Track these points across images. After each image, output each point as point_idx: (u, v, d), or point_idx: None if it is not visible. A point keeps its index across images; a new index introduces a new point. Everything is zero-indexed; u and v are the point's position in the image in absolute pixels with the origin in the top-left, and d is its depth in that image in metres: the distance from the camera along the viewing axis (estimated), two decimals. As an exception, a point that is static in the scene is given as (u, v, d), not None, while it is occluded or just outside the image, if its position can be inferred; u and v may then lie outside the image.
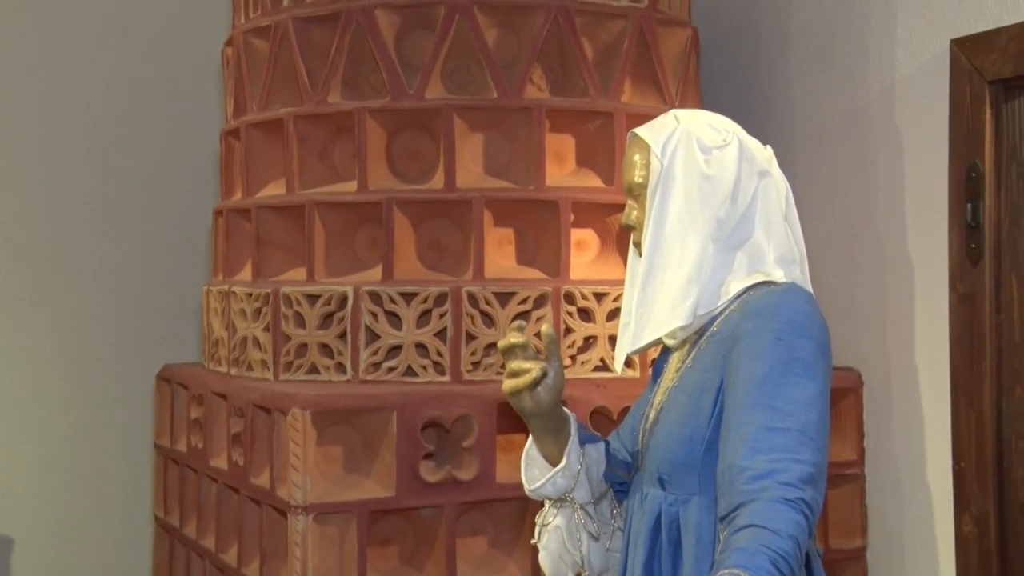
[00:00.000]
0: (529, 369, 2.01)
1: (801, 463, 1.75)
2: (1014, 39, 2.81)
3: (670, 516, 2.04)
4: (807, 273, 2.14)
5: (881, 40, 3.27)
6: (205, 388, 3.36)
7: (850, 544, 3.32)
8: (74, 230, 4.32)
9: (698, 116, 2.15)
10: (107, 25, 4.32)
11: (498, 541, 2.98)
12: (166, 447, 3.72)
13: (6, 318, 4.26)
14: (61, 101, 4.29)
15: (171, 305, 4.42)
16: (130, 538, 4.35)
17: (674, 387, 2.09)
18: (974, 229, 2.94)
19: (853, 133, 3.37)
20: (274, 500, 2.89)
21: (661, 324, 2.05)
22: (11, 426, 4.26)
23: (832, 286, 3.29)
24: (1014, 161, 2.93)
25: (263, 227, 3.25)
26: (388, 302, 3.02)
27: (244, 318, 3.26)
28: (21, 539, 4.27)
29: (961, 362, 2.98)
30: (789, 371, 1.85)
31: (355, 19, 3.10)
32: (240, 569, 3.09)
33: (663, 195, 2.07)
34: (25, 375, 4.29)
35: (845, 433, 3.29)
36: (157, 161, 4.41)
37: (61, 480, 4.33)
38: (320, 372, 3.07)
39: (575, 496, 2.17)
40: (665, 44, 3.30)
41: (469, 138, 3.10)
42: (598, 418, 2.97)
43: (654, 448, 2.08)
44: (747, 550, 1.61)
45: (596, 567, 2.22)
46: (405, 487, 2.84)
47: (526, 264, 3.13)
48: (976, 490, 2.94)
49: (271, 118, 3.26)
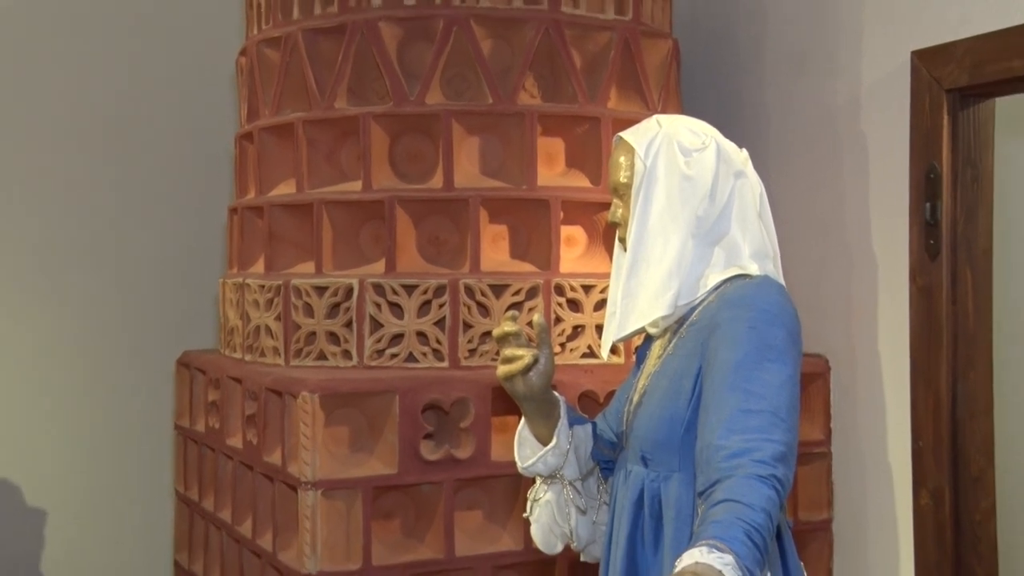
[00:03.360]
0: (522, 356, 2.02)
1: (773, 442, 1.76)
2: (969, 51, 2.82)
3: (652, 492, 2.04)
4: (779, 267, 2.14)
5: (848, 52, 3.28)
6: (221, 373, 3.36)
7: (817, 516, 3.32)
8: (100, 227, 4.31)
9: (679, 121, 2.15)
10: (130, 36, 4.32)
11: (493, 515, 2.98)
12: (186, 427, 3.72)
13: (39, 309, 4.26)
14: (88, 107, 4.28)
15: (190, 296, 4.42)
16: (153, 510, 4.36)
17: (656, 372, 2.09)
18: (932, 226, 2.94)
19: (822, 137, 3.38)
20: (285, 477, 2.89)
21: (644, 314, 2.06)
22: (43, 408, 4.26)
23: (802, 279, 3.28)
24: (968, 164, 2.94)
25: (275, 224, 3.25)
26: (391, 293, 3.02)
27: (257, 308, 3.25)
28: (53, 511, 4.28)
29: (920, 349, 2.99)
30: (762, 357, 1.86)
31: (360, 31, 3.10)
32: (255, 540, 3.09)
33: (646, 194, 2.07)
34: (56, 361, 4.29)
35: (813, 415, 3.29)
36: (177, 163, 4.41)
37: (89, 457, 4.33)
38: (328, 358, 3.07)
39: (564, 473, 2.17)
40: (648, 54, 3.29)
41: (466, 141, 3.10)
42: (586, 401, 2.97)
43: (638, 429, 2.08)
44: (723, 523, 1.61)
45: (584, 538, 2.22)
46: (407, 465, 2.85)
47: (519, 258, 3.12)
48: (933, 466, 2.95)
49: (282, 123, 3.25)
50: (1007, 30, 2.73)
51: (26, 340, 4.25)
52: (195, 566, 3.62)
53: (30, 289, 4.25)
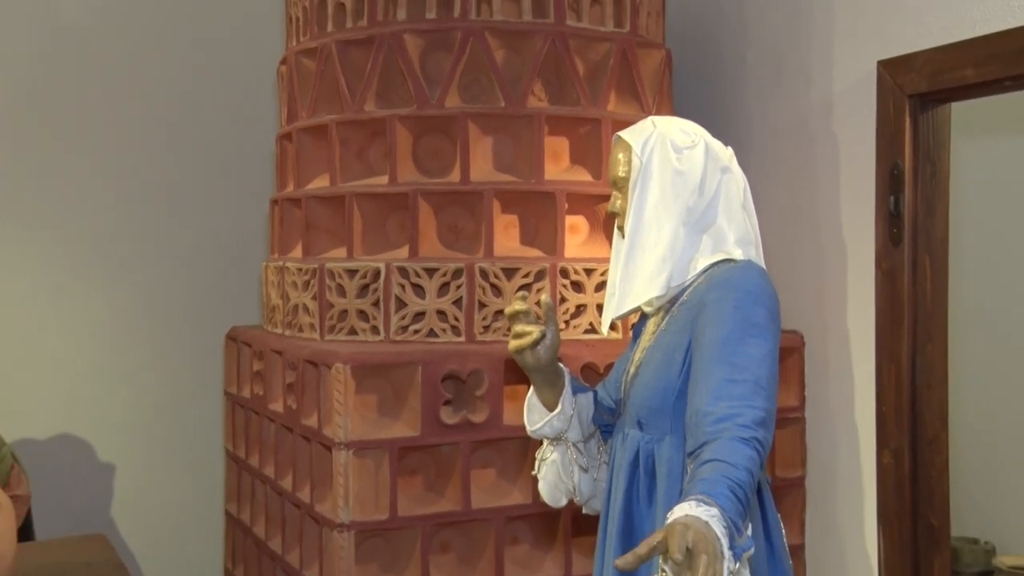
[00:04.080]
0: (531, 332, 2.01)
1: (755, 409, 1.76)
2: (928, 61, 2.80)
3: (647, 452, 2.04)
4: (761, 252, 2.13)
5: (820, 61, 3.25)
6: (265, 346, 3.36)
7: (792, 474, 3.31)
8: (157, 218, 4.32)
9: (671, 122, 2.14)
10: (189, 50, 4.32)
11: (505, 472, 2.97)
12: (234, 394, 3.72)
13: (107, 291, 4.26)
14: (154, 113, 4.29)
15: (237, 278, 4.42)
16: (207, 466, 4.37)
17: (651, 347, 2.09)
18: (895, 217, 2.92)
19: (797, 137, 3.35)
20: (321, 438, 2.88)
21: (640, 294, 2.05)
22: (113, 374, 4.28)
23: (781, 263, 3.26)
24: (928, 162, 2.91)
25: (311, 214, 3.24)
26: (414, 276, 3.00)
27: (296, 289, 3.25)
28: (121, 465, 4.30)
29: (884, 326, 2.97)
30: (746, 333, 1.86)
31: (387, 42, 3.08)
32: (294, 493, 3.09)
33: (642, 187, 2.06)
34: (125, 334, 4.30)
35: (789, 384, 3.28)
36: (226, 161, 4.41)
37: (152, 418, 4.34)
38: (358, 333, 3.06)
39: (568, 436, 2.17)
40: (644, 62, 3.27)
41: (481, 140, 3.08)
42: (587, 372, 2.95)
43: (634, 396, 2.08)
44: (710, 480, 1.61)
45: (585, 493, 2.23)
46: (428, 428, 2.84)
47: (528, 245, 3.10)
48: (894, 429, 2.95)
49: (317, 124, 3.23)
50: (961, 43, 2.71)
51: (101, 315, 4.27)
52: (243, 515, 3.63)
53: (106, 271, 4.26)
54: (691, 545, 1.42)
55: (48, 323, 4.17)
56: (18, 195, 4.12)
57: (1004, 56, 2.58)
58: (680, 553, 1.40)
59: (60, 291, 4.19)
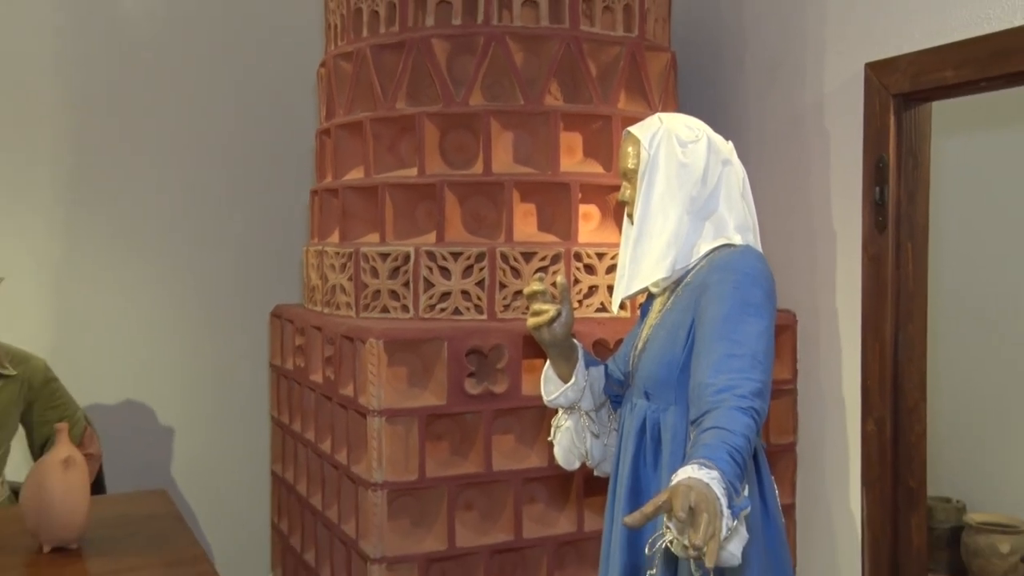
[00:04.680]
0: (547, 310, 2.01)
1: (752, 381, 1.75)
2: (911, 64, 2.77)
3: (653, 420, 2.03)
4: (758, 238, 2.11)
5: (813, 63, 3.22)
6: (305, 322, 3.35)
7: (785, 440, 3.29)
8: (212, 206, 4.32)
9: (677, 118, 2.12)
10: (236, 56, 4.31)
11: (523, 438, 2.96)
12: (278, 365, 3.72)
13: (167, 272, 4.26)
14: (203, 112, 4.28)
15: (281, 261, 4.42)
16: (255, 430, 4.38)
17: (657, 324, 2.07)
18: (881, 206, 2.90)
19: (792, 133, 3.32)
20: (357, 406, 2.88)
21: (648, 276, 2.04)
22: (170, 349, 4.28)
23: (776, 248, 3.25)
24: (910, 155, 2.89)
25: (347, 203, 3.22)
26: (440, 259, 2.99)
27: (334, 271, 3.24)
28: (179, 429, 4.31)
29: (869, 306, 2.95)
30: (744, 312, 1.84)
31: (416, 46, 3.06)
32: (333, 455, 3.09)
33: (650, 178, 2.04)
34: (180, 312, 4.30)
35: (783, 359, 3.26)
36: (270, 155, 4.40)
37: (207, 387, 4.35)
38: (390, 311, 3.05)
39: (581, 405, 2.16)
40: (651, 64, 3.24)
41: (502, 135, 3.06)
42: (599, 347, 2.94)
43: (642, 369, 2.07)
44: (711, 445, 1.60)
45: (597, 457, 2.22)
46: (453, 397, 2.83)
47: (545, 231, 3.08)
48: (878, 399, 2.93)
49: (353, 121, 3.22)
50: (941, 47, 2.69)
51: (162, 294, 4.27)
52: (287, 474, 3.64)
53: (167, 255, 4.26)
54: (693, 504, 1.42)
55: (117, 302, 4.19)
56: (92, 188, 4.13)
57: (980, 59, 2.57)
58: (683, 512, 1.40)
59: (127, 273, 4.20)
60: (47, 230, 4.07)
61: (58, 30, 4.04)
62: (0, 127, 3.97)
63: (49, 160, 4.06)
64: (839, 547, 3.13)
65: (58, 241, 4.09)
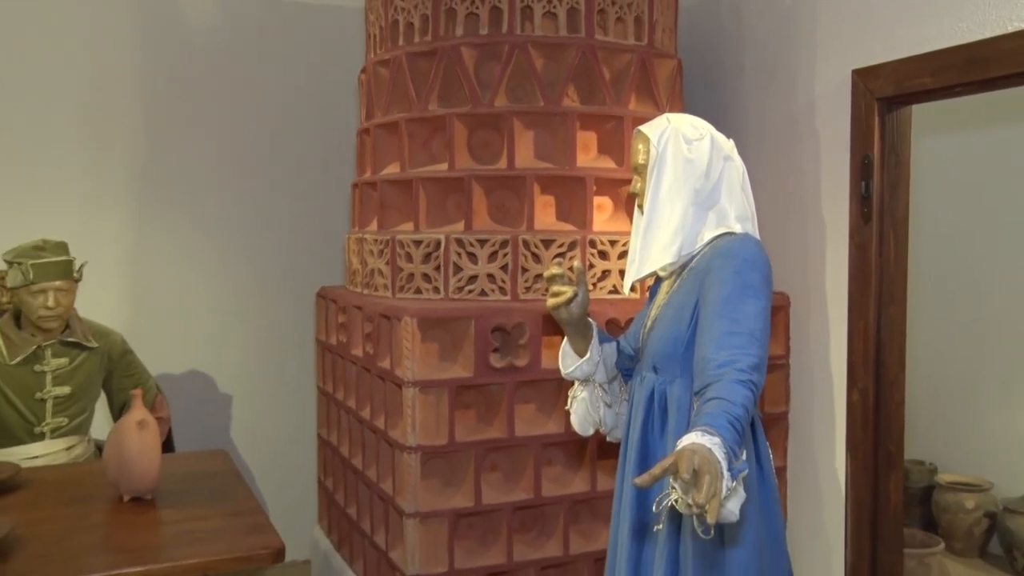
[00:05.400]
0: (565, 292, 2.00)
1: (750, 356, 1.74)
2: (894, 71, 2.75)
3: (660, 392, 2.01)
4: (756, 227, 2.09)
5: (805, 69, 3.18)
6: (347, 302, 3.35)
7: (778, 409, 3.26)
8: (264, 199, 4.31)
9: (683, 118, 2.09)
10: (285, 64, 4.30)
11: (542, 407, 2.95)
12: (323, 341, 3.72)
13: (225, 259, 4.27)
14: (259, 114, 4.27)
15: (326, 247, 4.42)
16: (303, 398, 4.38)
17: (664, 304, 2.05)
18: (866, 199, 2.87)
19: (786, 132, 3.29)
20: (393, 377, 2.87)
21: (656, 261, 2.02)
22: (228, 325, 4.29)
23: (772, 236, 3.24)
24: (892, 153, 2.86)
25: (385, 195, 3.21)
26: (468, 246, 2.97)
27: (372, 256, 3.23)
28: (236, 396, 4.32)
29: (855, 289, 2.93)
30: (743, 294, 1.83)
31: (447, 54, 3.04)
32: (372, 421, 3.09)
33: (658, 173, 2.02)
34: (237, 294, 4.30)
35: (778, 336, 3.23)
36: (317, 151, 4.39)
37: (261, 359, 4.36)
38: (423, 292, 3.04)
39: (596, 378, 2.15)
40: (659, 70, 3.21)
41: (524, 134, 3.03)
42: (611, 325, 2.92)
43: (650, 345, 2.05)
44: (713, 414, 1.60)
45: (609, 425, 2.21)
46: (480, 370, 2.82)
47: (562, 220, 3.06)
48: (862, 373, 2.91)
49: (390, 121, 3.20)
50: (921, 55, 2.66)
51: (221, 277, 4.27)
52: (331, 438, 3.64)
53: (226, 243, 4.26)
54: (697, 467, 1.42)
55: (183, 285, 4.20)
56: (162, 183, 4.14)
57: (956, 67, 2.55)
58: (688, 473, 1.40)
59: (191, 259, 4.21)
60: (123, 221, 4.08)
61: (134, 40, 4.04)
62: (83, 126, 3.99)
63: (125, 158, 4.07)
64: (825, 504, 3.11)
65: (132, 231, 4.11)
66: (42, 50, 3.91)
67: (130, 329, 3.88)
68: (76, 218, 3.98)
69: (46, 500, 2.45)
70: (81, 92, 3.97)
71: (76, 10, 3.94)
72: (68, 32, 3.94)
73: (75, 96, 3.97)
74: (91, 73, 3.99)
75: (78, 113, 3.98)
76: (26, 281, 2.97)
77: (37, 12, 3.90)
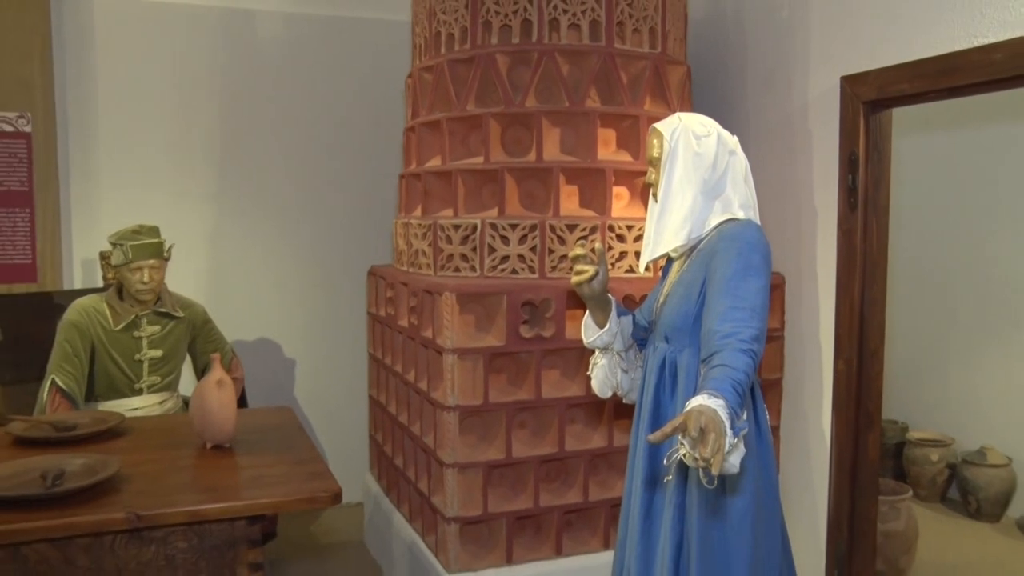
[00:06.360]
0: (587, 270, 1.98)
1: (751, 328, 1.72)
2: (877, 77, 2.71)
3: (671, 360, 2.00)
4: (757, 214, 2.06)
5: (800, 75, 3.13)
6: (394, 279, 3.34)
7: (774, 376, 3.23)
8: (324, 189, 4.31)
9: (693, 117, 2.06)
10: (341, 71, 4.28)
11: (566, 372, 2.93)
12: (373, 313, 3.72)
13: (290, 240, 4.27)
14: (318, 115, 4.26)
15: (376, 231, 4.41)
16: (357, 363, 4.39)
17: (675, 282, 2.03)
18: (853, 191, 2.83)
19: (783, 131, 3.24)
20: (434, 345, 2.87)
21: (668, 243, 2.00)
22: (292, 298, 4.30)
23: (770, 222, 3.20)
24: (876, 151, 2.82)
25: (428, 184, 3.19)
26: (501, 230, 2.96)
27: (417, 238, 3.22)
28: (299, 360, 4.34)
29: (842, 270, 2.89)
30: (746, 273, 1.81)
31: (483, 60, 3.01)
32: (416, 384, 3.09)
33: (670, 165, 2.00)
34: (299, 271, 4.31)
35: (775, 312, 3.19)
36: (369, 147, 4.38)
37: (320, 329, 4.36)
38: (461, 271, 3.02)
39: (614, 346, 2.13)
40: (671, 75, 3.16)
41: (551, 131, 3.00)
42: (628, 300, 2.89)
43: (663, 318, 2.03)
44: (718, 379, 1.59)
45: (625, 388, 2.19)
46: (511, 340, 2.81)
47: (585, 207, 3.03)
48: (847, 344, 2.87)
49: (433, 120, 3.18)
50: (900, 65, 2.63)
51: (286, 257, 4.29)
52: (381, 397, 3.65)
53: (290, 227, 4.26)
54: (703, 426, 1.42)
55: (254, 264, 4.22)
56: (238, 178, 4.15)
57: (930, 75, 2.54)
58: (695, 431, 1.41)
59: (261, 241, 4.22)
60: (204, 209, 4.11)
61: (216, 55, 4.06)
62: (170, 131, 4.01)
63: (205, 154, 4.09)
64: (813, 458, 3.08)
65: (212, 218, 4.13)
66: (145, 65, 3.95)
67: (210, 301, 3.91)
68: (166, 206, 4.02)
69: (144, 445, 2.50)
70: (170, 100, 4.00)
71: (171, 28, 3.97)
72: (164, 49, 3.97)
73: (167, 103, 4.00)
74: (180, 83, 4.01)
75: (168, 118, 4.01)
76: (126, 260, 3.04)
77: (138, 30, 3.92)
